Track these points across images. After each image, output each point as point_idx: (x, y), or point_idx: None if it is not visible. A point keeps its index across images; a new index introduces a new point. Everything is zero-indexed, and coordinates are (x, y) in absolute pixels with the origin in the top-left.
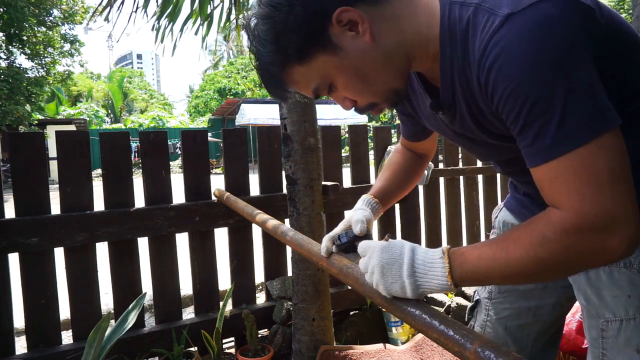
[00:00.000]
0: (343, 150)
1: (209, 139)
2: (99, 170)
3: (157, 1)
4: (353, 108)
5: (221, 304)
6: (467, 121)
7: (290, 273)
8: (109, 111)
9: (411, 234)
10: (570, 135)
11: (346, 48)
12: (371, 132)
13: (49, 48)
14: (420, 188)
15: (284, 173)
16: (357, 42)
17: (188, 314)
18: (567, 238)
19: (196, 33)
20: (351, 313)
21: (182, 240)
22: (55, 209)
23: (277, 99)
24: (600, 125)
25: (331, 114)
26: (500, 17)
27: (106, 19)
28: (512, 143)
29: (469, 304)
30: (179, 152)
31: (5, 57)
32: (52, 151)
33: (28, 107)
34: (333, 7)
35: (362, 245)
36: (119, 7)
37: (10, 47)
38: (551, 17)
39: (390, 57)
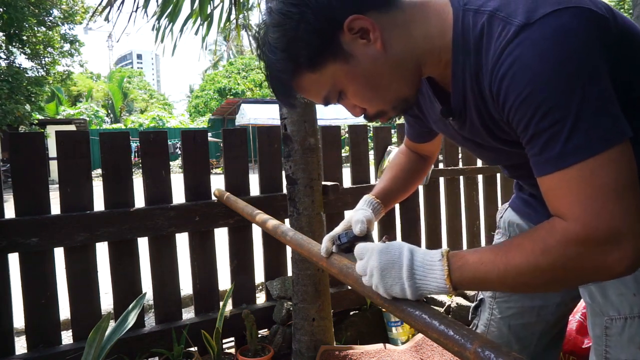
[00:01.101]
0: (343, 150)
1: (209, 139)
2: (99, 170)
3: (157, 1)
4: (362, 115)
5: (221, 304)
6: (477, 127)
7: (290, 273)
8: (109, 111)
9: (411, 234)
10: (579, 146)
11: (357, 56)
12: (371, 132)
13: (49, 48)
14: (420, 188)
15: (284, 173)
16: (368, 49)
17: (188, 314)
18: (569, 248)
19: (196, 33)
20: (351, 313)
21: (182, 240)
22: (55, 209)
23: (286, 107)
24: (610, 137)
25: (331, 114)
26: (515, 27)
27: (106, 19)
28: (522, 149)
29: (473, 303)
30: (179, 152)
31: (5, 57)
32: (52, 151)
33: (28, 107)
34: (344, 15)
35: (358, 248)
36: (119, 7)
37: (10, 47)
38: (568, 27)
39: (401, 65)
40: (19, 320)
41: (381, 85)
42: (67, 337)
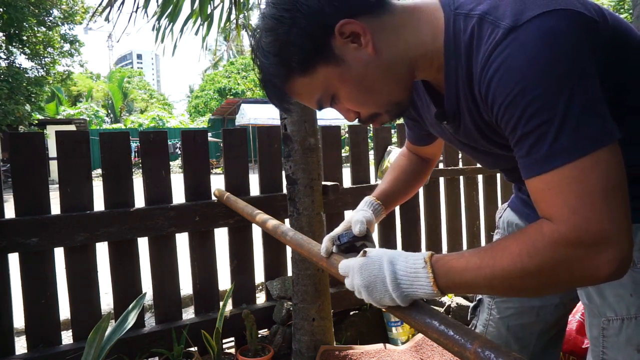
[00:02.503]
0: (343, 150)
1: (209, 139)
2: (99, 170)
3: (157, 1)
4: (356, 119)
5: (221, 304)
6: (471, 131)
7: (290, 273)
8: (109, 111)
9: (411, 234)
10: (567, 147)
11: (349, 60)
12: (371, 132)
13: (49, 48)
14: (420, 188)
15: (284, 173)
16: (360, 53)
17: (188, 314)
18: (557, 251)
19: (196, 33)
20: (351, 313)
21: (182, 240)
22: (55, 209)
23: (281, 111)
24: (599, 138)
25: (331, 114)
26: (503, 29)
27: (106, 19)
28: None
29: (472, 304)
30: (179, 152)
31: (5, 57)
32: (52, 151)
33: (28, 107)
34: (335, 19)
35: (341, 266)
36: (119, 7)
37: (10, 47)
38: (556, 30)
39: (393, 69)
40: (19, 320)
41: (373, 88)
42: (67, 337)
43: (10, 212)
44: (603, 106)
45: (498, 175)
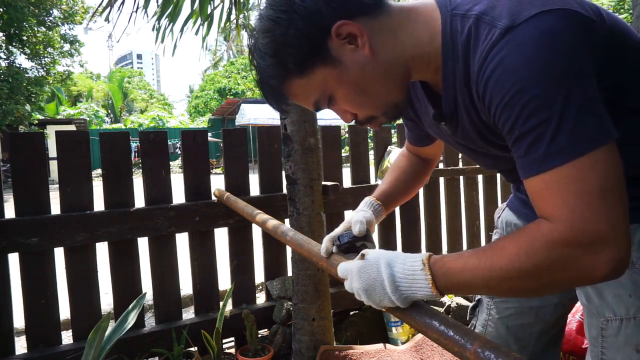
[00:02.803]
0: (343, 150)
1: (209, 139)
2: (99, 170)
3: (157, 1)
4: (354, 121)
5: (221, 304)
6: (469, 132)
7: (290, 273)
8: (109, 111)
9: (411, 234)
10: (565, 147)
11: (345, 61)
12: (371, 132)
13: (49, 48)
14: (420, 188)
15: (284, 173)
16: (357, 55)
17: (188, 314)
18: (554, 250)
19: (196, 33)
20: (351, 313)
21: (182, 240)
22: (55, 209)
23: (279, 112)
24: (596, 138)
25: (331, 114)
26: (500, 29)
27: (106, 19)
28: None
29: (471, 304)
30: (179, 152)
31: (5, 57)
32: (52, 151)
33: (28, 107)
34: (332, 20)
35: (340, 269)
36: (119, 8)
37: (10, 47)
38: (553, 29)
39: (390, 70)
40: (19, 320)
41: (370, 90)
42: (67, 337)
43: (10, 212)
44: (600, 105)
45: (498, 175)
